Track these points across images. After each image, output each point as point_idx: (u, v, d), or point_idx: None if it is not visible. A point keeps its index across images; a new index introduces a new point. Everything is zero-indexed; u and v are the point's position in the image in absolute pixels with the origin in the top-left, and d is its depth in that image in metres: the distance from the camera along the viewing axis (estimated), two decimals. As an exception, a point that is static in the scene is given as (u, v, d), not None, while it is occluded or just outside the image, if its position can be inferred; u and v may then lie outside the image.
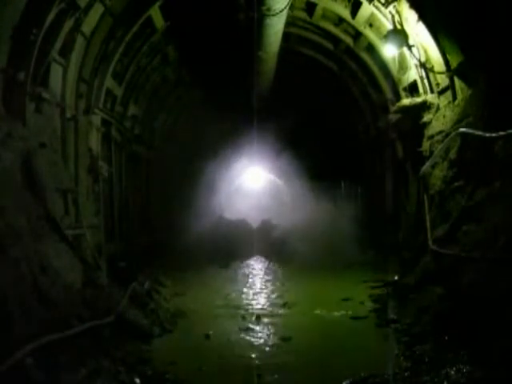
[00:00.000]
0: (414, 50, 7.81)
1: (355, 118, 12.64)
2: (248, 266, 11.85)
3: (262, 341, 5.51)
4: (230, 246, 13.09)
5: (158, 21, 8.51)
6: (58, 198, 6.20)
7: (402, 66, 8.75)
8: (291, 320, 6.38)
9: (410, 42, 7.71)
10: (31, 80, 5.55)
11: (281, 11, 7.36)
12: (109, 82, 8.19)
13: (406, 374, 4.18)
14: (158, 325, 5.88)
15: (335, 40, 10.25)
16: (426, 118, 8.06)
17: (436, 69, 7.52)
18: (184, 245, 11.97)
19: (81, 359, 4.01)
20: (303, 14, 9.62)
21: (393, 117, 9.45)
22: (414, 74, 8.32)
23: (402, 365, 4.39)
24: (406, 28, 7.65)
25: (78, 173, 7.14)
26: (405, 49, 7.94)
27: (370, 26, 8.91)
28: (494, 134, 5.74)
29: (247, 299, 7.77)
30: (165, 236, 12.26)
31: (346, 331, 5.80)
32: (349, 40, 9.81)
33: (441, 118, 7.62)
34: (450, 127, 7.16)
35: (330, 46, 10.53)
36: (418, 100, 8.20)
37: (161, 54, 10.11)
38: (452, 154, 7.00)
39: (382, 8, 8.01)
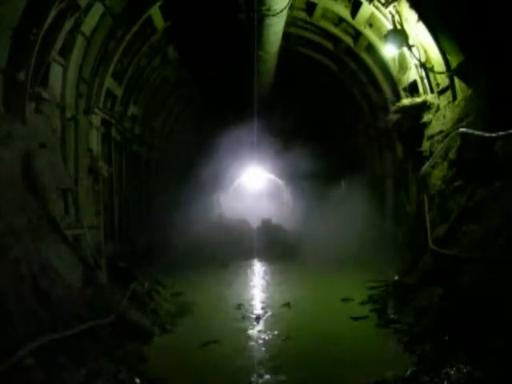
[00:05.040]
0: (414, 50, 7.81)
1: (355, 118, 12.63)
2: (248, 265, 11.85)
3: (261, 341, 5.51)
4: (230, 245, 13.11)
5: (158, 21, 8.50)
6: (57, 198, 6.20)
7: (402, 66, 8.74)
8: (291, 320, 6.37)
9: (410, 42, 7.71)
10: (31, 80, 5.55)
11: (281, 11, 7.36)
12: (109, 82, 8.18)
13: (406, 373, 4.18)
14: (158, 325, 5.90)
15: (335, 40, 10.24)
16: (426, 118, 8.06)
17: (436, 69, 7.52)
18: (184, 245, 11.98)
19: (81, 359, 4.01)
20: (303, 14, 9.61)
21: (393, 117, 9.44)
22: (414, 74, 8.31)
23: (402, 365, 4.40)
24: (406, 28, 7.64)
25: (77, 173, 7.13)
26: (405, 49, 7.93)
27: (370, 26, 8.91)
28: (493, 134, 5.74)
29: (247, 299, 7.77)
30: (165, 236, 12.25)
31: (346, 331, 5.79)
32: (349, 40, 9.81)
33: (441, 117, 7.62)
34: (450, 127, 7.16)
35: (330, 46, 10.52)
36: (418, 100, 8.20)
37: (161, 54, 10.10)
38: (452, 154, 7.00)
39: (382, 8, 8.00)
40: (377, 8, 8.12)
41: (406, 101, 8.62)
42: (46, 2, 5.43)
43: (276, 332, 5.79)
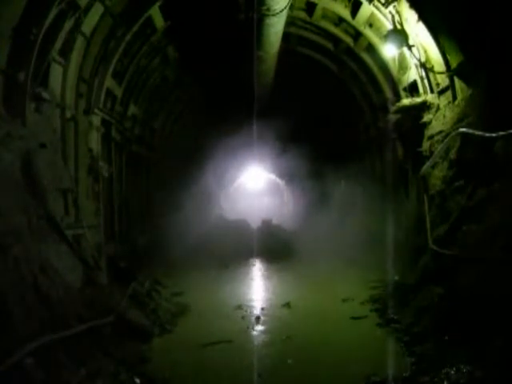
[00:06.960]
0: (414, 50, 7.81)
1: (355, 118, 12.63)
2: (248, 266, 11.84)
3: (261, 341, 5.52)
4: (230, 245, 13.10)
5: (158, 21, 8.51)
6: (58, 197, 6.20)
7: (402, 66, 8.75)
8: (291, 320, 6.37)
9: (410, 42, 7.71)
10: (31, 80, 5.55)
11: (281, 11, 7.36)
12: (109, 82, 8.18)
13: (405, 373, 4.19)
14: (158, 325, 5.90)
15: (335, 40, 10.25)
16: (426, 118, 8.06)
17: (436, 69, 7.53)
18: (184, 245, 11.97)
19: (81, 359, 4.01)
20: (303, 14, 9.62)
21: (393, 117, 9.44)
22: (414, 74, 8.31)
23: (402, 365, 4.40)
24: (406, 28, 7.64)
25: (77, 173, 7.14)
26: (405, 49, 7.93)
27: (370, 26, 8.91)
28: (493, 134, 5.74)
29: (247, 299, 7.76)
30: (165, 236, 12.26)
31: (346, 331, 5.80)
32: (349, 40, 9.82)
33: (441, 117, 7.62)
34: (450, 127, 7.16)
35: (330, 46, 10.53)
36: (418, 100, 8.20)
37: (161, 54, 10.10)
38: (452, 154, 6.99)
39: (382, 8, 8.01)
40: (377, 8, 8.13)
41: (406, 101, 8.62)
42: (45, 2, 5.43)
43: (276, 332, 5.78)
